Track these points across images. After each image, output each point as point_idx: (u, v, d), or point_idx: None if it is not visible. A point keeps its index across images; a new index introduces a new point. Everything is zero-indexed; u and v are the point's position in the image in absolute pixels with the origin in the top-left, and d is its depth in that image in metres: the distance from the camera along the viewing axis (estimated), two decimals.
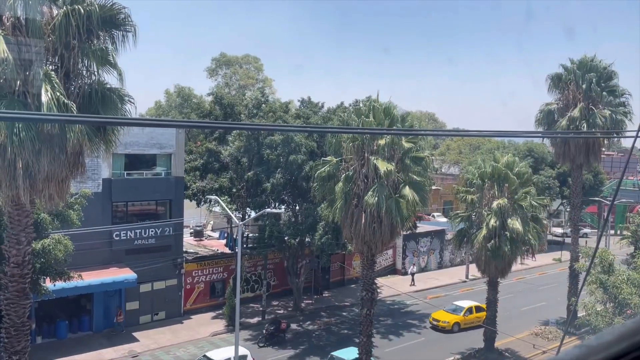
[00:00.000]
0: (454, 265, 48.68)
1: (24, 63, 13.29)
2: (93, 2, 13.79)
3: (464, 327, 31.89)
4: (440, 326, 31.92)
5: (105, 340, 28.49)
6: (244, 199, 33.05)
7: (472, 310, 32.54)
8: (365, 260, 22.90)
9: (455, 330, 31.71)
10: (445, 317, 32.19)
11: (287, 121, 31.79)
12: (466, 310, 32.52)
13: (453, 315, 32.26)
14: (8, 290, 14.93)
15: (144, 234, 30.52)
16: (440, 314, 32.55)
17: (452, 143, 79.63)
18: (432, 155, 25.19)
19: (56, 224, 21.66)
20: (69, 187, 14.95)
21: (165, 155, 31.63)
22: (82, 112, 13.96)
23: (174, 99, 60.87)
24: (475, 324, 31.46)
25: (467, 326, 31.90)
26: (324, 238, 30.11)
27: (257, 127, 23.24)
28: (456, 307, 33.09)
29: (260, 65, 64.23)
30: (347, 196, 21.59)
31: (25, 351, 15.23)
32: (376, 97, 23.20)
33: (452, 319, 31.99)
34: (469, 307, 32.80)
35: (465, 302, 33.63)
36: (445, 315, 32.44)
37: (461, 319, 32.10)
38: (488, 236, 26.13)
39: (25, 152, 13.14)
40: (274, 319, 30.20)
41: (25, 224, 14.98)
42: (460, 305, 33.17)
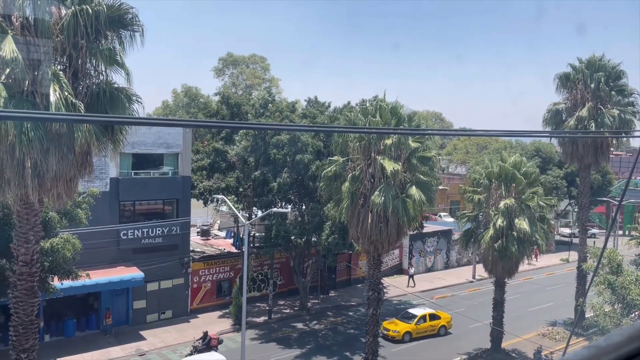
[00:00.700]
0: (460, 265, 48.52)
1: (32, 63, 13.38)
2: (101, 2, 13.87)
3: (416, 336, 29.81)
4: (390, 336, 29.53)
5: (113, 339, 28.63)
6: (251, 198, 33.10)
7: (426, 319, 30.46)
8: (371, 260, 22.88)
9: (406, 340, 29.47)
10: (396, 326, 29.91)
11: (294, 121, 31.82)
12: (419, 319, 30.23)
13: (404, 324, 29.98)
14: (17, 288, 15.04)
15: (151, 233, 30.65)
16: (391, 323, 30.37)
17: (459, 143, 79.38)
18: (439, 155, 25.12)
19: (64, 223, 21.82)
20: (77, 186, 15.04)
21: (172, 155, 31.75)
22: (90, 111, 14.05)
23: (181, 98, 61.09)
24: (429, 332, 30.07)
25: (419, 335, 29.90)
26: (331, 238, 30.11)
27: (263, 126, 23.30)
28: (410, 315, 30.84)
29: (267, 65, 64.35)
30: (354, 196, 21.58)
31: (33, 349, 15.33)
32: (383, 97, 23.18)
33: (402, 328, 29.67)
34: (422, 315, 30.48)
35: (420, 310, 31.41)
36: (397, 324, 30.18)
37: (413, 327, 29.80)
38: (495, 236, 26.05)
39: (34, 151, 13.23)
40: (205, 334, 27.02)
41: (34, 223, 15.07)
42: (413, 313, 30.85)
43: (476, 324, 30.37)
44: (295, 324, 32.43)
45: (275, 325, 32.24)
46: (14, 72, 12.97)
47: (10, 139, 12.92)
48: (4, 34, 12.68)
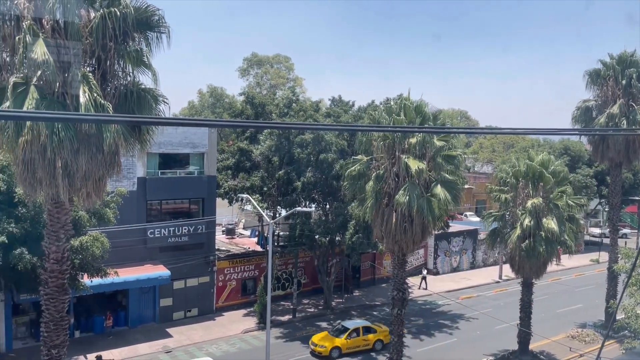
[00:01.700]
0: (487, 265, 47.92)
1: (63, 65, 13.66)
2: (128, 4, 14.09)
3: (347, 352, 27.51)
4: (317, 351, 27.28)
5: (141, 335, 29.12)
6: (275, 197, 33.26)
7: (359, 332, 28.14)
8: (396, 260, 22.74)
9: (334, 356, 27.12)
10: (324, 341, 27.48)
11: (318, 120, 31.87)
12: (351, 332, 27.93)
13: (333, 339, 27.62)
14: (48, 285, 15.38)
15: (178, 231, 31.06)
16: (320, 337, 28.01)
17: (485, 141, 78.34)
18: (465, 154, 24.80)
19: (93, 222, 22.30)
20: (105, 186, 15.29)
21: (198, 155, 32.12)
22: (118, 112, 14.28)
23: (206, 99, 61.74)
24: (362, 347, 27.89)
25: (350, 351, 27.63)
26: (355, 237, 30.05)
27: (287, 125, 23.34)
28: (342, 329, 28.44)
29: (291, 64, 64.56)
30: (378, 195, 21.48)
31: (64, 345, 15.65)
32: (407, 95, 23.01)
33: (330, 344, 27.12)
34: (355, 328, 28.18)
35: (353, 322, 29.31)
36: (326, 338, 27.81)
37: (342, 342, 27.39)
38: (522, 236, 25.63)
39: (64, 151, 13.52)
40: (98, 357, 24.89)
41: (64, 222, 15.39)
42: (345, 326, 28.54)
43: (503, 325, 29.93)
44: (319, 323, 32.47)
45: (299, 324, 32.34)
46: (45, 74, 13.26)
47: (42, 139, 13.23)
48: (35, 37, 12.98)
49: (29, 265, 19.66)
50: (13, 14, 13.56)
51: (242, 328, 31.07)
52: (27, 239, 20.42)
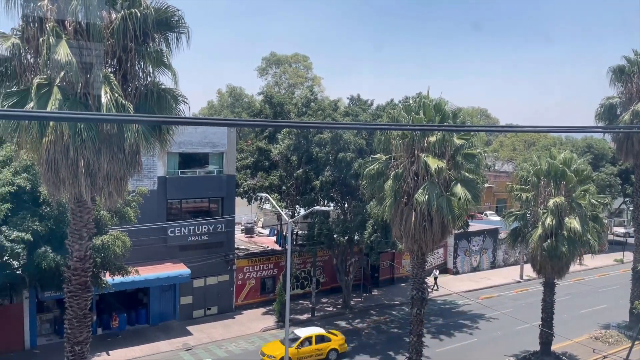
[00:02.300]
0: (507, 265, 47.40)
1: (85, 66, 13.86)
2: (149, 5, 14.22)
3: None
4: None
5: (161, 333, 29.45)
6: (294, 196, 33.34)
7: (312, 341, 26.53)
8: (415, 259, 22.60)
9: None
10: (274, 351, 25.85)
11: (336, 119, 31.83)
12: (302, 341, 26.36)
13: (283, 348, 25.23)
14: (71, 283, 15.63)
15: (197, 230, 31.33)
16: (271, 346, 26.55)
17: (506, 139, 77.41)
18: (485, 152, 24.51)
19: (115, 221, 22.61)
20: (126, 185, 15.48)
21: (217, 154, 32.35)
22: (139, 112, 14.43)
23: (225, 98, 62.13)
24: (314, 357, 26.34)
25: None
26: (373, 236, 29.95)
27: (305, 124, 23.40)
28: (294, 337, 26.64)
29: (310, 63, 64.56)
30: (397, 194, 21.37)
31: (86, 342, 15.89)
32: (427, 94, 22.83)
33: (279, 353, 25.22)
34: (307, 337, 26.57)
35: (306, 330, 27.40)
36: (275, 347, 26.22)
37: (293, 352, 25.58)
38: (544, 235, 25.27)
39: (87, 151, 13.73)
40: None
41: (87, 220, 15.63)
42: (297, 335, 26.84)
43: (524, 326, 29.55)
44: (338, 322, 32.46)
45: (318, 322, 32.34)
46: (68, 75, 13.48)
47: (65, 139, 13.45)
48: (58, 39, 13.19)
49: (52, 264, 20.00)
50: (36, 15, 13.81)
51: (261, 326, 31.21)
52: (51, 238, 20.79)
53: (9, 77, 14.29)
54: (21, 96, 13.84)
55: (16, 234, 19.58)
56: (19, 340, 26.43)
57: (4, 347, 25.74)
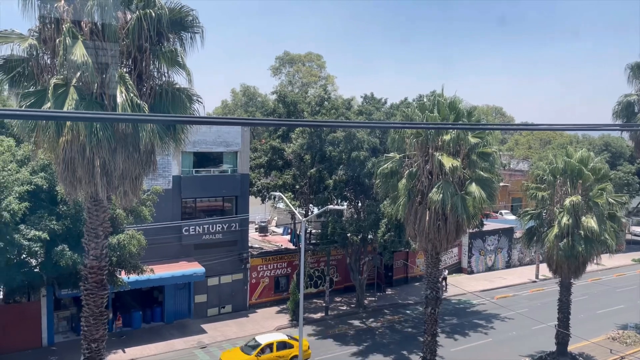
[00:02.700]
0: (523, 264, 46.99)
1: (101, 66, 14.01)
2: (163, 5, 14.32)
3: None
4: None
5: (176, 331, 29.66)
6: (307, 195, 33.36)
7: (273, 348, 25.33)
8: (429, 259, 22.49)
9: None
10: (232, 359, 24.97)
11: (350, 118, 31.77)
12: (263, 348, 25.10)
13: (242, 356, 24.90)
14: (88, 281, 15.81)
15: (212, 229, 31.49)
16: (230, 354, 25.48)
17: (521, 138, 76.70)
18: (500, 151, 24.31)
19: (130, 220, 22.82)
20: (142, 184, 15.60)
21: (231, 153, 32.49)
22: (154, 111, 14.55)
23: (239, 98, 62.33)
24: None
25: None
26: (387, 235, 29.86)
27: (319, 123, 23.41)
28: (254, 344, 25.55)
29: (323, 62, 64.45)
30: (411, 193, 21.27)
31: (103, 339, 16.07)
32: (441, 92, 22.69)
33: None
34: (268, 344, 25.31)
35: (267, 337, 26.07)
36: (235, 355, 25.17)
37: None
38: (560, 235, 24.99)
39: (103, 150, 13.88)
40: None
41: (103, 219, 15.79)
42: (257, 341, 25.54)
43: (540, 326, 29.29)
44: (351, 321, 32.43)
45: (331, 321, 32.36)
46: (84, 76, 13.62)
47: (82, 139, 13.61)
48: (74, 40, 13.34)
49: (69, 262, 20.24)
50: (53, 17, 13.98)
51: (275, 325, 31.28)
52: (68, 236, 21.04)
53: (27, 77, 14.50)
54: (38, 96, 14.03)
55: (34, 232, 19.85)
56: (37, 337, 26.81)
57: (22, 344, 26.13)
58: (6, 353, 25.59)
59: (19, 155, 21.49)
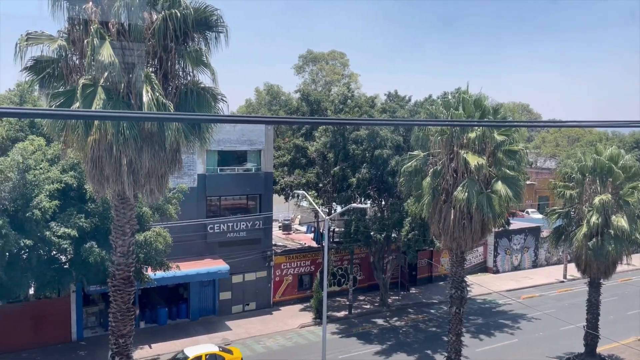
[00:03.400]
0: (550, 264, 46.17)
1: (127, 66, 14.24)
2: (188, 5, 14.47)
3: None
4: None
5: (201, 328, 30.00)
6: (330, 193, 33.36)
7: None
8: (454, 258, 22.25)
9: None
10: None
11: (373, 115, 31.64)
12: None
13: None
14: (115, 277, 16.09)
15: (236, 227, 31.75)
16: None
17: (548, 135, 75.32)
18: (527, 148, 23.85)
19: (156, 217, 23.14)
20: (167, 182, 15.80)
21: (255, 152, 32.70)
22: (179, 110, 14.71)
23: (263, 96, 62.63)
24: None
25: None
26: (411, 234, 29.66)
27: (342, 121, 23.39)
28: (182, 357, 23.63)
29: (346, 60, 64.31)
30: (435, 191, 21.07)
31: (130, 335, 16.34)
32: (466, 89, 22.42)
33: None
34: (196, 357, 23.25)
35: (197, 349, 24.08)
36: None
37: None
38: (589, 234, 24.45)
39: (129, 149, 14.10)
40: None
41: (130, 217, 16.04)
42: (185, 354, 23.60)
43: (568, 327, 28.74)
44: (375, 320, 32.33)
45: (355, 320, 32.32)
46: (112, 76, 13.85)
47: (109, 138, 13.85)
48: (102, 40, 13.58)
49: (98, 258, 20.63)
50: (82, 18, 14.25)
51: (298, 323, 31.38)
52: (96, 234, 21.45)
53: (56, 78, 14.81)
54: (68, 96, 14.32)
55: (63, 229, 20.28)
56: (67, 332, 27.44)
57: (52, 339, 26.77)
58: (38, 347, 26.27)
59: (49, 154, 21.97)
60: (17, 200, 19.76)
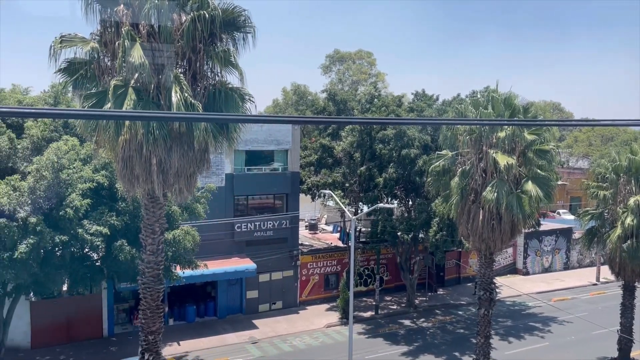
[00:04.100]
0: (582, 266, 45.10)
1: (157, 67, 14.47)
2: (216, 6, 14.63)
3: None
4: None
5: (229, 326, 30.29)
6: (357, 193, 33.27)
7: None
8: (482, 259, 21.93)
9: None
10: None
11: (400, 115, 31.42)
12: None
13: None
14: (145, 275, 16.37)
15: (263, 226, 31.96)
16: None
17: (581, 134, 73.56)
18: (558, 148, 23.36)
19: (185, 216, 23.45)
20: (196, 182, 15.99)
21: (282, 151, 32.85)
22: (207, 111, 14.88)
23: (290, 96, 62.87)
24: None
25: None
26: (439, 234, 29.36)
27: (368, 121, 23.36)
28: None
29: (373, 60, 64.09)
30: (464, 191, 20.80)
31: (159, 332, 16.59)
32: (495, 88, 22.08)
33: None
34: None
35: None
36: None
37: None
38: (624, 236, 23.77)
39: (159, 149, 14.33)
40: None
41: (159, 216, 16.29)
42: None
43: (601, 331, 28.03)
44: (402, 321, 32.11)
45: (381, 320, 32.16)
46: (142, 77, 14.09)
47: (139, 138, 14.10)
48: (133, 42, 13.84)
49: (128, 256, 21.01)
50: (113, 20, 14.54)
51: (324, 322, 31.40)
52: (127, 232, 21.85)
53: (89, 79, 15.15)
54: (100, 97, 14.64)
55: (95, 227, 20.72)
56: (99, 328, 28.06)
57: (85, 334, 27.42)
58: (71, 342, 26.94)
59: (82, 154, 22.47)
60: (52, 199, 20.28)
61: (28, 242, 18.70)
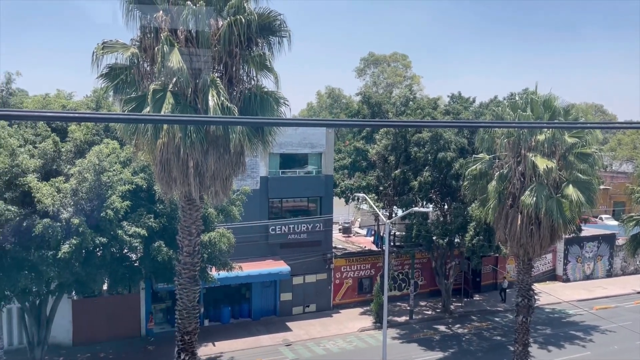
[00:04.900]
0: (626, 274, 43.50)
1: (194, 72, 14.75)
2: (252, 11, 14.81)
3: None
4: None
5: (263, 327, 30.50)
6: (391, 197, 33.02)
7: None
8: (521, 265, 21.42)
9: None
10: None
11: (436, 118, 31.05)
12: None
13: None
14: (181, 276, 16.65)
15: (297, 229, 32.07)
16: None
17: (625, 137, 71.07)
18: (601, 151, 22.61)
19: (220, 218, 23.75)
20: (231, 184, 16.19)
21: (316, 155, 32.91)
22: (243, 114, 15.06)
23: (324, 100, 63.04)
24: None
25: None
26: (475, 239, 28.83)
27: (402, 123, 23.16)
28: None
29: (408, 62, 63.70)
30: (501, 196, 20.39)
31: (195, 332, 16.86)
32: (534, 89, 21.58)
33: None
34: None
35: None
36: None
37: None
38: None
39: (196, 152, 14.58)
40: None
41: (196, 218, 16.56)
42: None
43: None
44: (437, 326, 31.65)
45: (416, 325, 31.79)
46: (180, 81, 14.39)
47: (177, 141, 14.38)
48: (171, 47, 14.14)
49: (165, 257, 21.40)
50: (153, 26, 14.89)
51: (358, 326, 31.24)
52: (164, 233, 22.26)
53: (129, 84, 15.54)
54: (139, 101, 14.99)
55: (134, 229, 21.18)
56: (137, 327, 28.69)
57: (124, 333, 28.08)
58: (110, 340, 27.63)
59: (122, 157, 23.04)
60: (93, 200, 20.85)
61: (71, 243, 19.25)
